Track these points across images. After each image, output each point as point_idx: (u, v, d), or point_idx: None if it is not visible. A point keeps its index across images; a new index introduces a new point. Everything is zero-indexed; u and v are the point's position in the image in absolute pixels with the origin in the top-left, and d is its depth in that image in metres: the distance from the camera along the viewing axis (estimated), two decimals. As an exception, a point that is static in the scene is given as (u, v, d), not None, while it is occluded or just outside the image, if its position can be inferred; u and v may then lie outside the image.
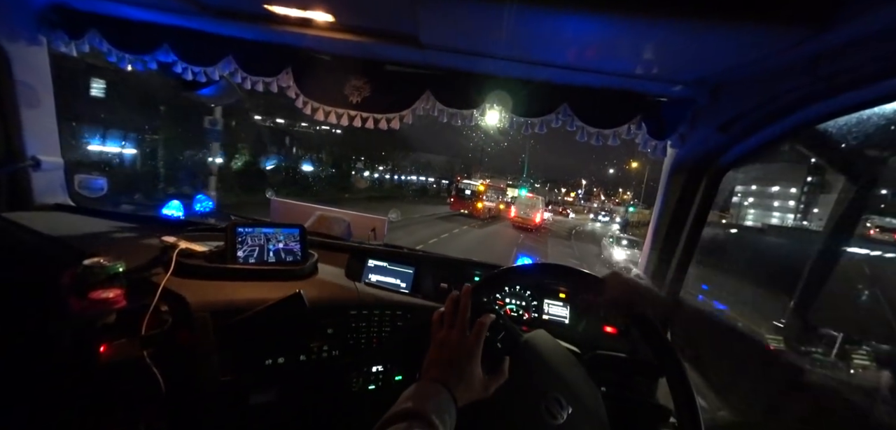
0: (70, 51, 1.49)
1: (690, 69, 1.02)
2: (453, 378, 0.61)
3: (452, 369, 0.63)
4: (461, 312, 0.70)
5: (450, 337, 0.68)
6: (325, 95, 1.49)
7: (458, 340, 0.67)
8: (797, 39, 0.71)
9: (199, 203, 2.01)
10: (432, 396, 0.57)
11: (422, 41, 1.10)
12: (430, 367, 0.65)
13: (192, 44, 1.45)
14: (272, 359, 1.05)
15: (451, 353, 0.65)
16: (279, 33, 1.33)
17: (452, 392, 0.60)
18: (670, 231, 1.35)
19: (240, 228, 1.16)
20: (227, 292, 1.05)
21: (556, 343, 0.83)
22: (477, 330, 0.68)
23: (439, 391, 0.59)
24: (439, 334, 0.70)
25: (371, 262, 1.46)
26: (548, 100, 1.31)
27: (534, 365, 0.75)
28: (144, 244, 1.18)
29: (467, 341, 0.66)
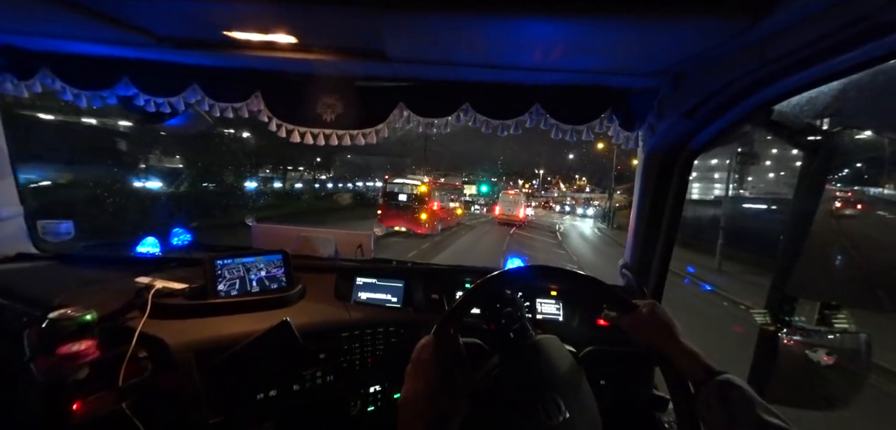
0: (20, 92, 1.41)
1: (652, 61, 1.05)
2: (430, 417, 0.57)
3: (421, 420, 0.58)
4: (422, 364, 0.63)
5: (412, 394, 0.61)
6: (298, 115, 1.47)
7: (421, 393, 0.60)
8: (743, 26, 0.75)
9: (177, 237, 1.94)
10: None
11: (388, 55, 1.09)
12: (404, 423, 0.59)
13: (154, 75, 1.41)
14: (263, 393, 1.03)
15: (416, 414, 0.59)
16: (245, 58, 1.30)
17: None
18: (651, 218, 1.39)
19: (218, 260, 1.13)
20: (210, 328, 1.02)
21: (562, 348, 0.83)
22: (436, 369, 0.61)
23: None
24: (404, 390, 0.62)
25: (359, 280, 1.45)
26: (520, 101, 1.33)
27: (539, 365, 0.75)
28: (117, 288, 1.13)
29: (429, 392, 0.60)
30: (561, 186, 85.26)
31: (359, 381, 1.20)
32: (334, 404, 1.16)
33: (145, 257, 1.62)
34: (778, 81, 0.78)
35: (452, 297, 1.44)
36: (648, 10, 0.75)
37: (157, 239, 1.76)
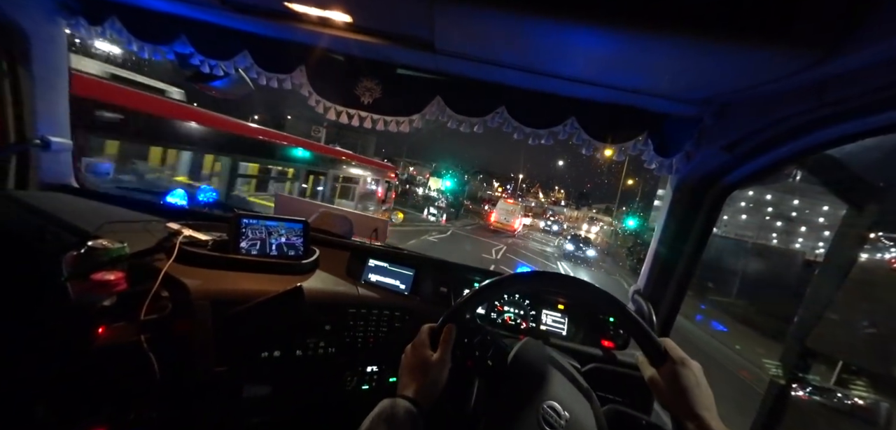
0: (89, 36, 1.51)
1: (698, 89, 1.03)
2: (416, 387, 0.68)
3: (414, 377, 0.70)
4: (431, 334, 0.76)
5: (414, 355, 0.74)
6: (337, 94, 1.51)
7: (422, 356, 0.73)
8: (804, 64, 0.72)
9: (203, 194, 2.02)
10: (388, 409, 0.63)
11: (436, 47, 1.12)
12: (400, 381, 0.72)
13: (210, 37, 1.48)
14: (268, 352, 1.04)
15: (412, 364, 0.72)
16: (295, 31, 1.36)
17: (416, 399, 0.66)
18: (673, 248, 1.35)
19: (244, 219, 1.16)
20: (227, 282, 1.05)
21: (544, 349, 0.83)
22: (443, 345, 0.73)
23: (398, 407, 0.64)
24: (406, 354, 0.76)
25: (372, 261, 1.46)
26: (555, 112, 1.33)
27: (526, 376, 0.75)
28: (148, 230, 1.18)
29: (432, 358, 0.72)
30: (540, 195, 78.52)
31: (358, 358, 1.21)
32: (331, 376, 1.17)
33: (175, 207, 1.69)
34: (834, 124, 0.75)
35: (460, 293, 1.44)
36: (705, 33, 0.74)
37: (185, 192, 1.84)
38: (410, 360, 0.73)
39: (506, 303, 1.46)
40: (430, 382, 0.69)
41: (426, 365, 0.71)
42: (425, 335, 0.75)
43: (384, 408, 0.64)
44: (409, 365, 0.73)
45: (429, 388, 0.69)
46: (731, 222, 26.67)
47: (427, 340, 0.75)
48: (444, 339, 0.74)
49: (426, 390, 0.68)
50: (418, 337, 0.76)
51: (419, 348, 0.74)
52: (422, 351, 0.73)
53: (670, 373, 0.63)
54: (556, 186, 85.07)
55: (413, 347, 0.75)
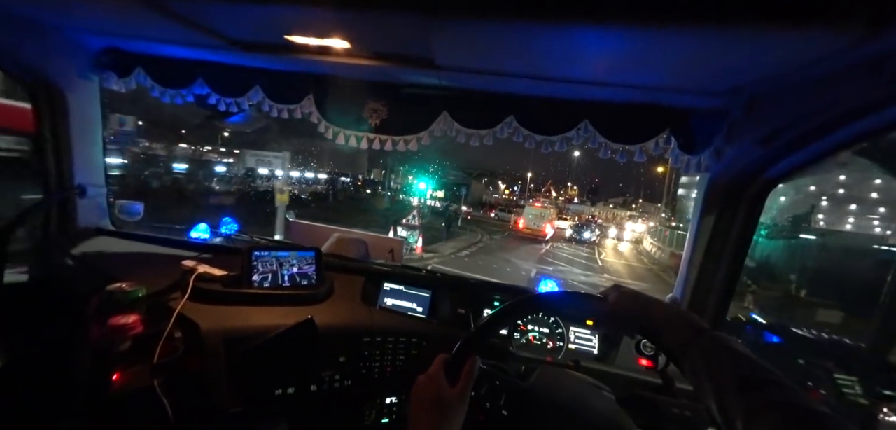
0: (120, 88, 1.62)
1: (723, 79, 0.94)
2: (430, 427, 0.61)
3: (430, 420, 0.62)
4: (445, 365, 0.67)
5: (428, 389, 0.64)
6: (345, 118, 1.53)
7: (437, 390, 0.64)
8: (849, 40, 0.63)
9: (225, 226, 2.09)
10: None
11: (437, 63, 1.09)
12: (412, 423, 0.63)
13: (224, 76, 1.55)
14: (282, 389, 1.02)
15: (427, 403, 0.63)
16: (301, 62, 1.39)
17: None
18: (709, 252, 1.23)
19: (256, 251, 1.17)
20: (240, 317, 1.05)
21: (567, 377, 0.74)
22: (465, 379, 0.64)
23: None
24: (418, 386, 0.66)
25: (387, 285, 1.43)
26: (567, 117, 1.26)
27: (551, 415, 0.67)
28: (168, 268, 1.22)
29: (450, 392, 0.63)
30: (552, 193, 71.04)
31: (376, 389, 1.17)
32: (349, 409, 1.13)
33: (197, 241, 1.75)
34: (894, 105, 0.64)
35: (480, 313, 1.37)
36: (730, 18, 0.66)
37: (208, 225, 1.91)
38: (425, 394, 0.64)
39: (529, 322, 1.38)
40: (447, 420, 0.61)
41: (442, 401, 0.62)
42: (438, 371, 0.66)
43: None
44: (423, 400, 0.64)
45: (444, 427, 0.61)
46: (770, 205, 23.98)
47: (442, 371, 0.65)
48: (467, 372, 0.64)
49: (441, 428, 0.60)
50: (433, 369, 0.67)
51: (434, 380, 0.65)
52: (438, 384, 0.64)
53: (612, 303, 0.68)
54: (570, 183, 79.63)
55: (427, 378, 0.66)
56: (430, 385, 0.64)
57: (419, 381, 0.67)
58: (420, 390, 0.65)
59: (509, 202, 48.72)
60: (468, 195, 38.50)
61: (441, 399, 0.62)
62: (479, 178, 52.85)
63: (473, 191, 43.51)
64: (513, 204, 45.74)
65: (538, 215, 21.01)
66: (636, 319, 0.65)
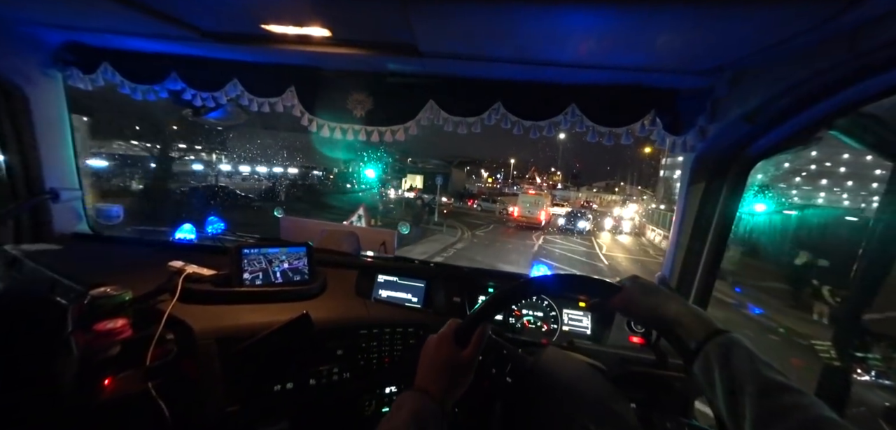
0: (85, 86, 1.54)
1: (707, 58, 0.95)
2: (438, 384, 0.63)
3: (438, 375, 0.64)
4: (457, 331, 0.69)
5: (440, 348, 0.67)
6: (329, 110, 1.49)
7: (449, 351, 0.66)
8: (830, 12, 0.64)
9: (211, 225, 2.04)
10: (413, 408, 0.58)
11: (421, 49, 1.07)
12: (419, 374, 0.66)
13: (199, 71, 1.48)
14: (280, 385, 1.02)
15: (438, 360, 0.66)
16: (280, 53, 1.34)
17: (436, 397, 0.61)
18: (696, 231, 1.26)
19: (245, 249, 1.15)
20: (233, 316, 1.03)
21: (569, 357, 0.77)
22: (475, 344, 0.67)
23: (419, 401, 0.59)
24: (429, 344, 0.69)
25: (381, 277, 1.43)
26: (555, 101, 1.26)
27: (553, 391, 0.69)
28: (153, 271, 1.18)
29: (460, 355, 0.66)
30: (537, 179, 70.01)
31: (375, 381, 1.17)
32: (349, 402, 1.14)
33: (182, 242, 1.71)
34: (870, 77, 0.66)
35: (475, 301, 1.39)
36: None
37: (193, 226, 1.86)
38: (435, 352, 0.66)
39: (524, 307, 1.40)
40: (455, 380, 0.64)
41: (453, 363, 0.64)
42: (450, 333, 0.68)
43: (411, 406, 0.58)
44: (433, 358, 0.66)
45: (452, 388, 0.63)
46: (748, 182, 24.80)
47: (453, 334, 0.68)
48: (477, 340, 0.67)
49: (449, 390, 0.63)
50: (445, 330, 0.69)
51: (444, 343, 0.66)
52: (448, 347, 0.66)
53: (626, 293, 0.70)
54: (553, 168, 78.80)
55: (440, 339, 0.67)
56: (441, 345, 0.67)
57: (430, 339, 0.69)
58: (430, 348, 0.68)
59: (493, 191, 46.10)
60: (448, 185, 35.83)
61: (450, 360, 0.65)
62: (460, 166, 48.48)
63: (454, 180, 39.53)
64: (497, 193, 43.25)
65: (533, 203, 20.78)
66: (650, 311, 0.66)
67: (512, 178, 64.75)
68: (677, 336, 0.61)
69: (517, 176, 70.17)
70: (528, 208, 20.42)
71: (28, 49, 1.41)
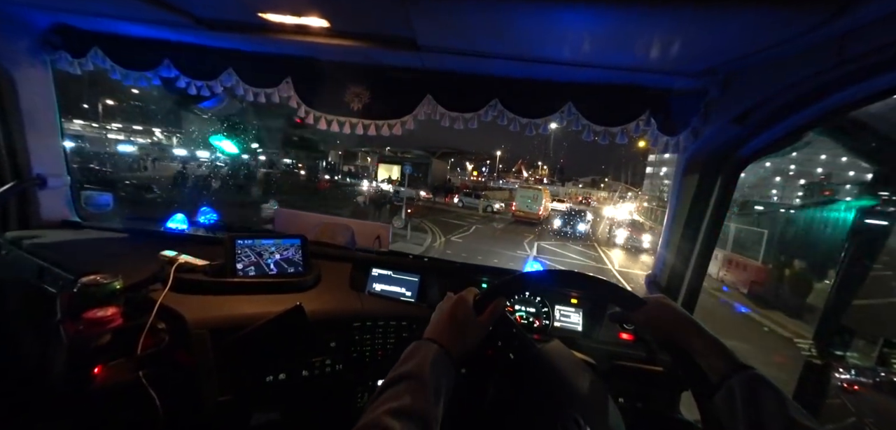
0: (74, 70, 1.50)
1: (700, 59, 0.96)
2: (451, 338, 0.65)
3: (452, 330, 0.66)
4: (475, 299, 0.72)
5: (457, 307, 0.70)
6: (326, 103, 1.48)
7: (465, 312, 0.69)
8: (820, 19, 0.66)
9: (204, 215, 2.01)
10: (427, 356, 0.60)
11: (419, 44, 1.07)
12: (432, 327, 0.68)
13: (193, 58, 1.46)
14: (273, 376, 1.02)
15: (454, 317, 0.68)
16: (277, 43, 1.32)
17: (448, 350, 0.62)
18: (687, 230, 1.29)
19: (239, 240, 1.14)
20: (226, 306, 1.03)
21: (571, 355, 0.79)
22: (489, 313, 0.70)
23: (433, 349, 0.61)
24: (448, 300, 0.72)
25: (375, 271, 1.43)
26: (551, 99, 1.27)
27: (549, 379, 0.71)
28: (145, 260, 1.17)
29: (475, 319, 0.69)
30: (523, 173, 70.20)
31: (368, 373, 1.18)
32: (341, 394, 1.14)
33: (173, 232, 1.68)
34: (855, 83, 0.68)
35: None
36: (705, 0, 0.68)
37: (185, 216, 1.83)
38: (451, 312, 0.69)
39: (517, 302, 1.41)
40: (466, 341, 0.66)
41: (467, 323, 0.68)
42: (470, 298, 0.72)
43: (426, 352, 0.60)
44: (449, 316, 0.69)
45: (462, 346, 0.66)
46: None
47: (470, 302, 0.71)
48: (493, 309, 0.70)
49: (460, 346, 0.65)
50: (463, 294, 0.73)
51: (463, 304, 0.70)
52: (465, 308, 0.69)
53: (650, 310, 0.71)
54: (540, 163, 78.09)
55: (459, 299, 0.71)
56: (459, 303, 0.71)
57: (449, 297, 0.73)
58: (448, 304, 0.71)
59: (477, 185, 42.22)
60: (428, 177, 33.26)
61: (465, 319, 0.68)
62: (443, 157, 44.88)
63: (434, 171, 36.24)
64: (482, 186, 40.23)
65: (532, 198, 20.23)
66: (672, 337, 0.67)
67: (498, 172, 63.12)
68: (698, 368, 0.62)
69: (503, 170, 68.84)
70: (526, 203, 19.97)
71: (15, 31, 1.37)
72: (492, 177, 58.63)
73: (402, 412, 0.50)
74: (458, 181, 43.99)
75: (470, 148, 60.03)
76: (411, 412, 0.50)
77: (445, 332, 0.66)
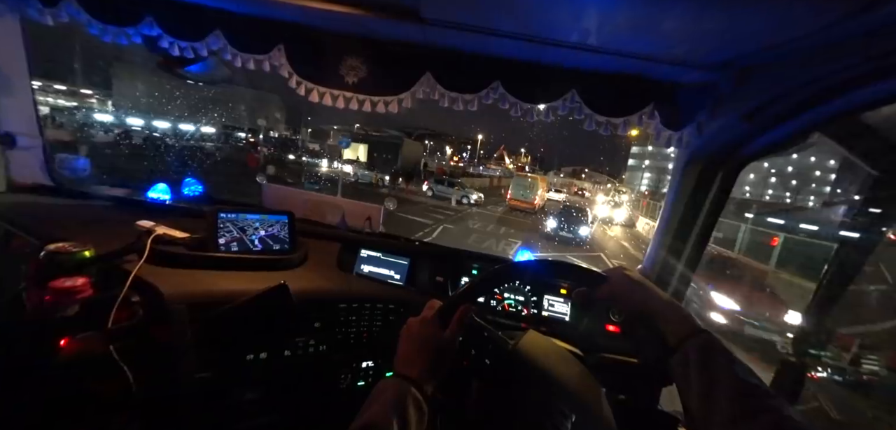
0: (45, 20, 1.39)
1: (716, 51, 0.93)
2: (420, 367, 0.61)
3: (420, 358, 0.63)
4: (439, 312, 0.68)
5: (421, 330, 0.66)
6: (320, 74, 1.40)
7: (430, 333, 0.65)
8: (846, 11, 0.62)
9: (188, 187, 1.93)
10: (390, 398, 0.56)
11: (423, 16, 1.01)
12: (399, 359, 0.65)
13: (178, 16, 1.36)
14: (254, 355, 0.98)
15: (420, 342, 0.65)
16: (271, 6, 1.24)
17: (420, 387, 0.59)
18: (681, 227, 1.28)
19: (223, 214, 1.08)
20: (206, 282, 0.98)
21: (549, 342, 0.77)
22: (456, 324, 0.66)
23: (398, 389, 0.58)
24: (410, 326, 0.68)
25: (364, 252, 1.39)
26: (556, 85, 1.22)
27: (529, 377, 0.69)
28: (121, 230, 1.10)
29: (442, 336, 0.65)
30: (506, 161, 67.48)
31: (352, 355, 1.15)
32: (325, 374, 1.11)
33: (154, 202, 1.61)
34: (878, 81, 0.65)
35: (458, 282, 1.38)
36: None
37: (168, 186, 1.75)
38: (417, 334, 0.66)
39: (506, 290, 1.39)
40: (436, 363, 0.63)
41: (434, 343, 0.64)
42: (434, 312, 0.68)
43: (392, 394, 0.57)
44: (415, 340, 0.65)
45: (434, 369, 0.62)
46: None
47: (435, 315, 0.68)
48: (458, 319, 0.66)
49: (431, 370, 0.62)
50: (426, 311, 0.69)
51: (426, 325, 0.66)
52: (430, 327, 0.66)
53: (612, 284, 0.69)
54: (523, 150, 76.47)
55: (421, 321, 0.67)
56: (422, 327, 0.66)
57: (411, 322, 0.68)
58: (411, 329, 0.67)
59: (455, 170, 37.96)
60: (398, 159, 28.83)
61: (431, 341, 0.64)
62: (419, 139, 39.98)
63: (406, 153, 30.97)
64: (460, 172, 36.30)
65: (527, 186, 19.99)
66: (635, 303, 0.67)
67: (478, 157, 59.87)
68: (659, 330, 0.62)
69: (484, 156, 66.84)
70: (522, 192, 19.74)
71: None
72: (472, 163, 56.10)
73: None
74: (436, 165, 40.25)
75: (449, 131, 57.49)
76: None
77: (414, 362, 0.62)
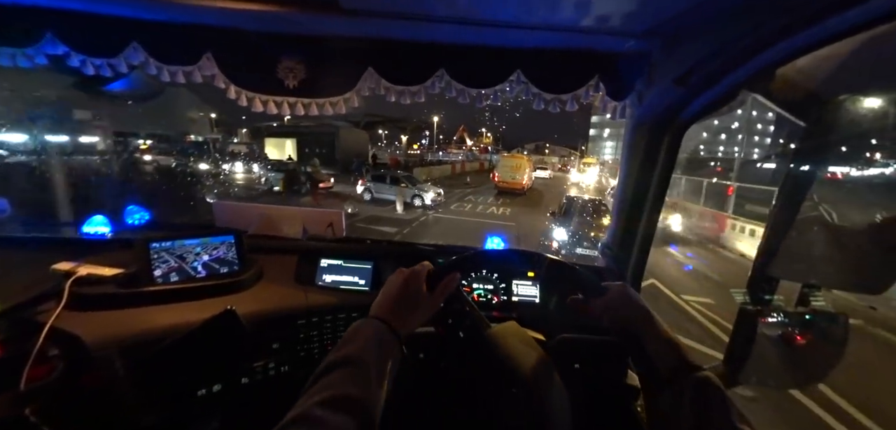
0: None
1: (642, 19, 0.94)
2: (397, 314, 0.62)
3: (400, 305, 0.64)
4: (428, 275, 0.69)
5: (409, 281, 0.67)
6: (258, 81, 1.31)
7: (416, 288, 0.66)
8: None
9: (131, 216, 1.78)
10: (370, 336, 0.57)
11: (342, 5, 0.95)
12: (378, 302, 0.65)
13: (86, 30, 1.22)
14: (206, 388, 0.92)
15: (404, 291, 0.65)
16: (193, 11, 1.14)
17: (394, 326, 0.60)
18: (636, 195, 1.31)
19: (154, 243, 1.00)
20: (143, 320, 0.90)
21: (524, 334, 0.76)
22: (441, 289, 0.68)
23: (377, 328, 0.58)
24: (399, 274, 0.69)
25: (324, 261, 1.33)
26: (500, 67, 1.20)
27: (496, 358, 0.69)
28: (40, 275, 1.00)
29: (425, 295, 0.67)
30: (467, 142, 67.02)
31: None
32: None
33: (89, 238, 1.47)
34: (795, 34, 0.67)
35: None
36: None
37: (107, 218, 1.61)
38: (400, 287, 0.66)
39: (475, 281, 1.38)
40: (412, 317, 0.64)
41: (416, 299, 0.65)
42: (423, 272, 0.69)
43: (370, 330, 0.57)
44: (398, 291, 0.66)
45: (408, 322, 0.63)
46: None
47: (423, 277, 0.68)
48: (445, 285, 0.68)
49: (407, 321, 0.63)
50: (416, 269, 0.69)
51: (415, 278, 0.67)
52: (416, 284, 0.67)
53: (609, 300, 0.71)
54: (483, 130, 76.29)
55: (411, 274, 0.68)
56: (411, 277, 0.67)
57: (400, 271, 0.70)
58: (397, 279, 0.68)
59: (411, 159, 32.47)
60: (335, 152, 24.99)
61: (415, 295, 0.66)
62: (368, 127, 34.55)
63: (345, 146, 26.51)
64: (417, 160, 31.33)
65: (514, 168, 20.07)
66: (626, 323, 0.68)
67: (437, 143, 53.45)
68: (655, 358, 0.63)
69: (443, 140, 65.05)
70: (508, 173, 19.93)
71: None
72: (430, 149, 50.01)
73: (338, 402, 0.47)
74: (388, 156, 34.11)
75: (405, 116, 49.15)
76: (348, 401, 0.47)
77: (392, 307, 0.63)
